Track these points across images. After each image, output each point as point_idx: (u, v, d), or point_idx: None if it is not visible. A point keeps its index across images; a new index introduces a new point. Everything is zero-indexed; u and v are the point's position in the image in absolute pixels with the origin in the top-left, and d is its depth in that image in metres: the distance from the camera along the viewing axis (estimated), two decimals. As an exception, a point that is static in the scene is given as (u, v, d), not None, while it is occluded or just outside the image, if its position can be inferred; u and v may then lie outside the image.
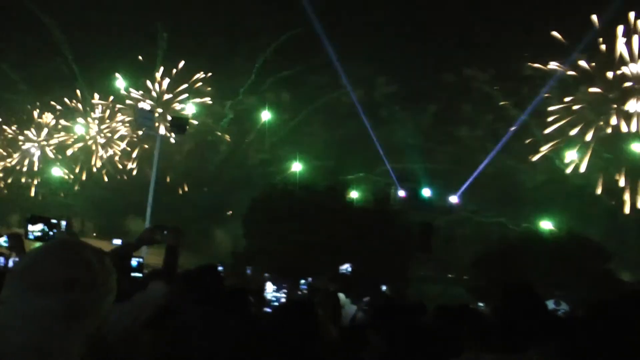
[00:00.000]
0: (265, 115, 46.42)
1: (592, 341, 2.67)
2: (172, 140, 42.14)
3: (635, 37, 39.69)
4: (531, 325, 3.18)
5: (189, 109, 46.39)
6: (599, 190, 40.32)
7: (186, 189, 46.05)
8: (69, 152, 47.21)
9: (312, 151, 43.19)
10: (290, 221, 29.07)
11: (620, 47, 39.93)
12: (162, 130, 32.96)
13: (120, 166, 46.98)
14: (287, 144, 44.38)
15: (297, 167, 41.87)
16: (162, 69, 46.42)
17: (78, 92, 46.81)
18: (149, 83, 46.71)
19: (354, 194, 35.15)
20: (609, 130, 40.40)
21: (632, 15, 39.32)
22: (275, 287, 16.01)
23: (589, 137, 40.62)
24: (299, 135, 44.15)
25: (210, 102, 46.87)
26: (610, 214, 39.79)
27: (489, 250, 32.20)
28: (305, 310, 3.20)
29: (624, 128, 40.08)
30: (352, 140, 42.56)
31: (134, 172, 46.32)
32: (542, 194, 39.93)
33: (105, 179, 46.54)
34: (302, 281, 16.05)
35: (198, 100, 46.82)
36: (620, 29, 39.62)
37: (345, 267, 16.73)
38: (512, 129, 41.73)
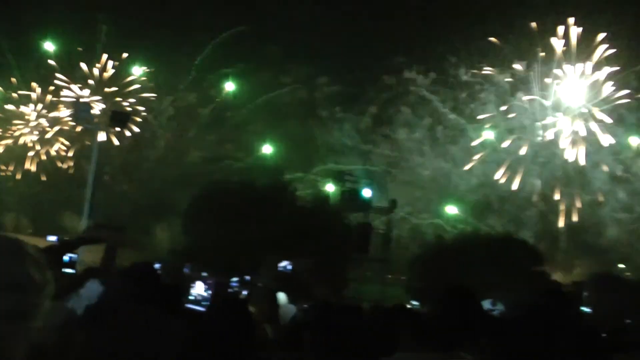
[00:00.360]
0: (206, 112, 46.09)
1: (521, 340, 2.73)
2: (114, 139, 41.71)
3: (573, 42, 40.58)
4: (466, 325, 3.22)
5: (135, 71, 45.67)
6: (534, 197, 41.08)
7: (125, 186, 45.34)
8: (3, 146, 46.00)
9: (253, 149, 43.13)
10: (229, 219, 28.92)
11: (558, 51, 40.79)
12: (102, 125, 32.34)
13: (60, 164, 45.93)
14: (228, 141, 44.19)
15: (237, 164, 41.71)
16: (104, 59, 45.61)
17: (14, 80, 45.66)
18: (86, 71, 45.87)
19: (294, 193, 35.14)
20: (546, 139, 41.12)
21: (571, 20, 40.23)
22: (206, 285, 15.83)
23: (523, 150, 41.20)
24: (240, 133, 44.00)
25: (154, 97, 46.22)
26: (544, 218, 40.67)
27: (426, 251, 32.62)
28: (238, 308, 3.19)
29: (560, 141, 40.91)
30: (293, 139, 42.65)
31: (70, 170, 45.34)
32: (477, 197, 40.66)
33: (43, 177, 45.48)
34: (235, 279, 15.90)
35: (145, 94, 46.14)
36: (560, 30, 40.47)
37: (284, 265, 16.56)
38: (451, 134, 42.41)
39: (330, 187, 37.49)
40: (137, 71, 46.00)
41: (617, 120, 39.81)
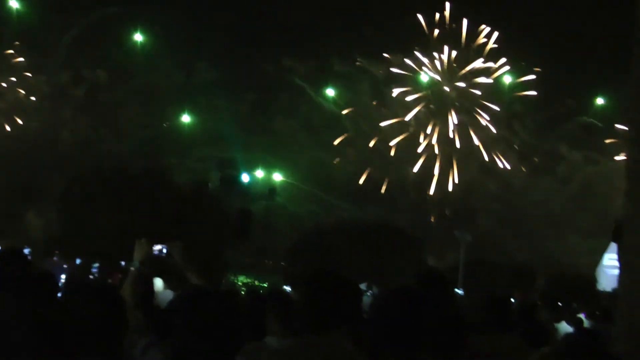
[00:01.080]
0: (79, 94, 44.37)
1: (393, 322, 2.84)
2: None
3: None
4: (336, 308, 3.28)
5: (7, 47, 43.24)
6: (408, 188, 42.08)
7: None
8: None
9: (130, 134, 42.05)
10: (104, 205, 28.30)
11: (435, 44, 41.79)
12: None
13: None
14: (103, 125, 42.87)
15: (111, 148, 40.59)
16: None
17: None
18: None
19: (171, 178, 34.62)
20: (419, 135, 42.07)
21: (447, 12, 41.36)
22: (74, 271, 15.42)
23: (393, 142, 41.95)
24: (116, 117, 42.80)
25: (29, 75, 44.05)
26: (419, 207, 41.81)
27: (305, 237, 32.96)
28: (106, 294, 3.16)
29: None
30: (170, 124, 42.13)
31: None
32: (354, 186, 41.36)
33: None
34: (96, 264, 15.52)
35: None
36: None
37: (160, 249, 16.16)
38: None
39: (209, 173, 37.19)
40: (9, 47, 43.70)
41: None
